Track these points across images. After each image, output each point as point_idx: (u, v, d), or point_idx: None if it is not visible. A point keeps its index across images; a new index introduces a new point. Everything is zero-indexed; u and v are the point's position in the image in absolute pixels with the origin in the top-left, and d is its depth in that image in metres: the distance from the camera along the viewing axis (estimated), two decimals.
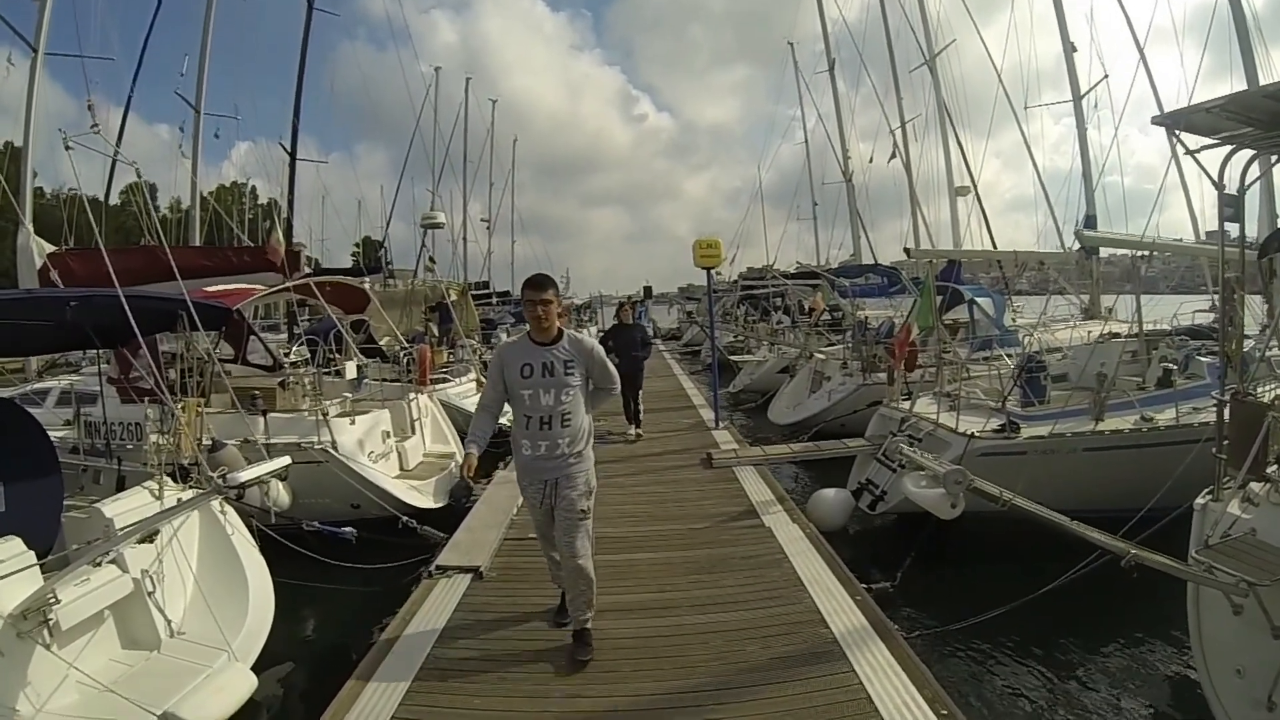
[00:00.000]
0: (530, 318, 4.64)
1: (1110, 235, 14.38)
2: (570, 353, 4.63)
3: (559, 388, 4.56)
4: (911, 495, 6.44)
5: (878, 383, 12.80)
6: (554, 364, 4.57)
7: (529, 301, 4.61)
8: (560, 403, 4.56)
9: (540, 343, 4.64)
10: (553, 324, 4.63)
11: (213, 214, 24.22)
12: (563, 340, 4.67)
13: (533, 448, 4.63)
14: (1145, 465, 7.43)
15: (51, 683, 4.14)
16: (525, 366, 4.58)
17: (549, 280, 4.68)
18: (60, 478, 5.82)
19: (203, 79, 20.41)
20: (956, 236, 23.37)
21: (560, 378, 4.56)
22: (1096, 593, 5.51)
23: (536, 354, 4.61)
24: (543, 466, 4.65)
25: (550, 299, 4.60)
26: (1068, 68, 18.58)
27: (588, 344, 4.77)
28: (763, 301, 31.36)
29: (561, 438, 4.59)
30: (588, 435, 4.78)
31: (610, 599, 5.56)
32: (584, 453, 4.74)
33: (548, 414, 4.56)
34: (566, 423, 4.59)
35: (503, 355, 4.79)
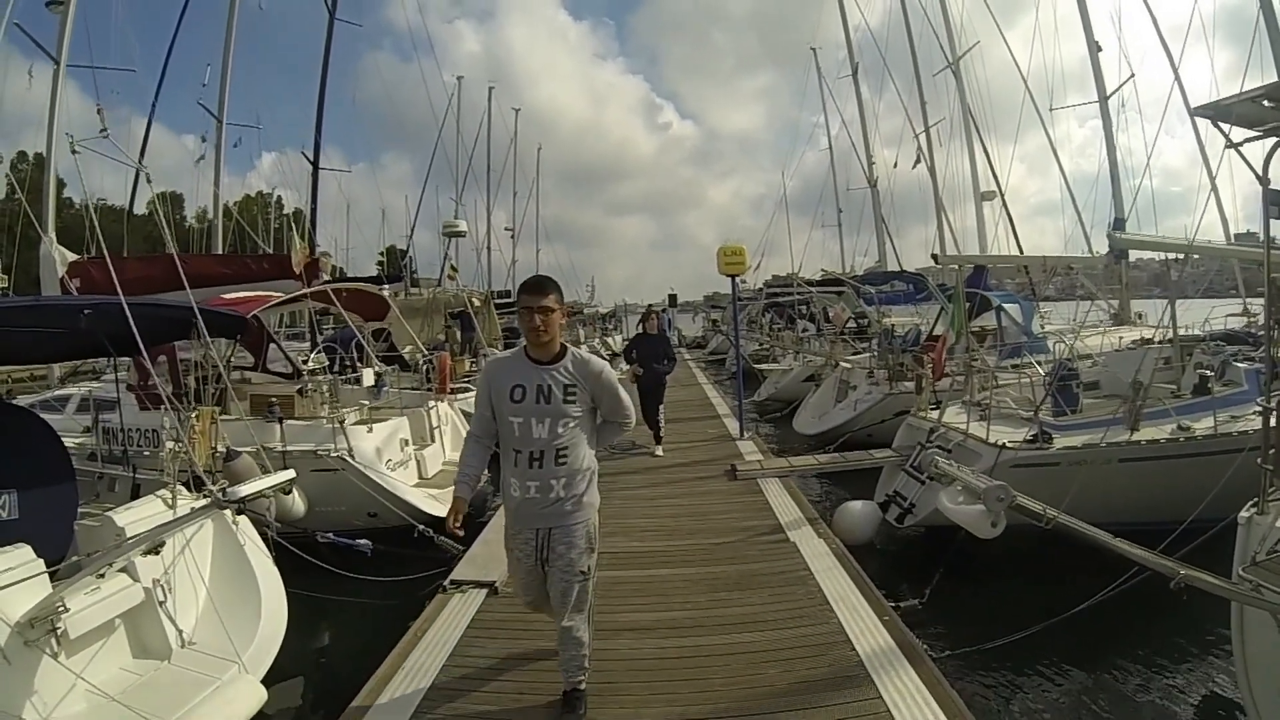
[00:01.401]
0: (526, 329, 3.77)
1: (1144, 237, 14.06)
2: (573, 375, 3.80)
3: (555, 418, 3.74)
4: (948, 512, 6.20)
5: (904, 391, 12.53)
6: (551, 388, 3.75)
7: (525, 309, 3.73)
8: (556, 436, 3.75)
9: (537, 360, 3.82)
10: (554, 338, 3.79)
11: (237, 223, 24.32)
12: (565, 359, 3.83)
13: (521, 489, 3.83)
14: (1183, 476, 7.20)
15: (59, 692, 4.10)
16: (516, 388, 3.77)
17: (550, 283, 3.85)
18: (75, 485, 5.93)
19: (225, 89, 20.54)
20: (983, 242, 23.08)
21: (558, 405, 3.75)
22: (1134, 608, 5.29)
23: (531, 374, 3.79)
24: (533, 512, 3.85)
25: (552, 305, 3.75)
26: (1093, 67, 18.28)
27: (595, 366, 3.88)
28: (788, 309, 31.15)
29: (556, 478, 3.79)
30: (590, 476, 3.95)
31: (630, 616, 5.44)
32: (584, 498, 3.90)
33: (540, 449, 3.75)
34: (563, 460, 3.78)
35: (491, 373, 3.98)
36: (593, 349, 33.22)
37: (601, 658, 4.71)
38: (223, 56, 20.67)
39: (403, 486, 9.08)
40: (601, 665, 4.59)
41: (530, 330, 3.76)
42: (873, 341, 16.79)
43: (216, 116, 20.39)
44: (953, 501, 6.14)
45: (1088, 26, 18.11)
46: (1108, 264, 15.96)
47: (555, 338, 3.82)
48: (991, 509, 5.18)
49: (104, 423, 8.79)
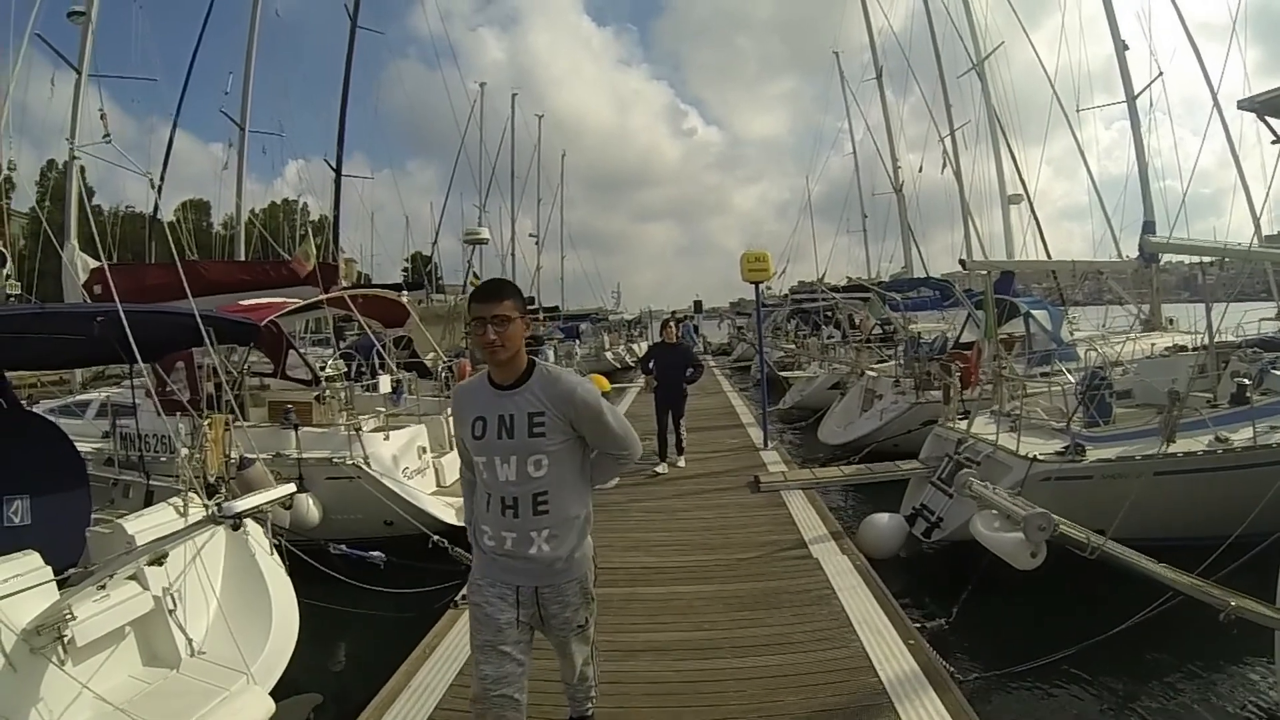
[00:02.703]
0: (479, 344, 3.00)
1: (1178, 241, 13.73)
2: (540, 400, 2.95)
3: (523, 455, 2.93)
4: (983, 539, 5.95)
5: (932, 401, 12.29)
6: (514, 418, 2.95)
7: (476, 320, 2.95)
8: (528, 478, 2.94)
9: (499, 385, 3.03)
10: (515, 354, 2.99)
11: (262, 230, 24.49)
12: (531, 380, 3.00)
13: (495, 539, 3.04)
14: (1222, 490, 6.97)
15: (65, 700, 4.11)
16: (477, 421, 3.01)
17: (506, 287, 3.06)
18: (88, 492, 6.01)
19: (247, 97, 20.72)
20: (1010, 246, 22.72)
21: (523, 440, 2.93)
22: (1176, 628, 5.05)
23: (492, 402, 3.01)
24: (510, 567, 3.05)
25: (509, 313, 2.92)
26: (1120, 67, 17.98)
27: (566, 384, 2.99)
28: (813, 316, 30.94)
29: (536, 530, 2.98)
30: (582, 527, 3.14)
31: (646, 636, 5.29)
32: (575, 556, 3.09)
33: (512, 495, 2.96)
34: (542, 508, 2.97)
35: (455, 404, 3.23)
36: (617, 356, 33.19)
37: (616, 679, 4.61)
38: (245, 64, 20.87)
39: (420, 495, 8.98)
40: (615, 688, 4.47)
41: (484, 346, 2.95)
42: (899, 349, 16.53)
43: (239, 124, 20.56)
44: (988, 527, 5.88)
45: (1114, 25, 17.82)
46: (1137, 268, 15.65)
47: (518, 353, 3.01)
48: (1032, 539, 4.90)
49: (122, 428, 8.77)
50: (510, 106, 45.65)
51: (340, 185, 21.96)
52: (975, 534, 6.10)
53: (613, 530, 8.06)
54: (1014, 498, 5.94)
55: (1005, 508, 5.68)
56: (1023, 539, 5.32)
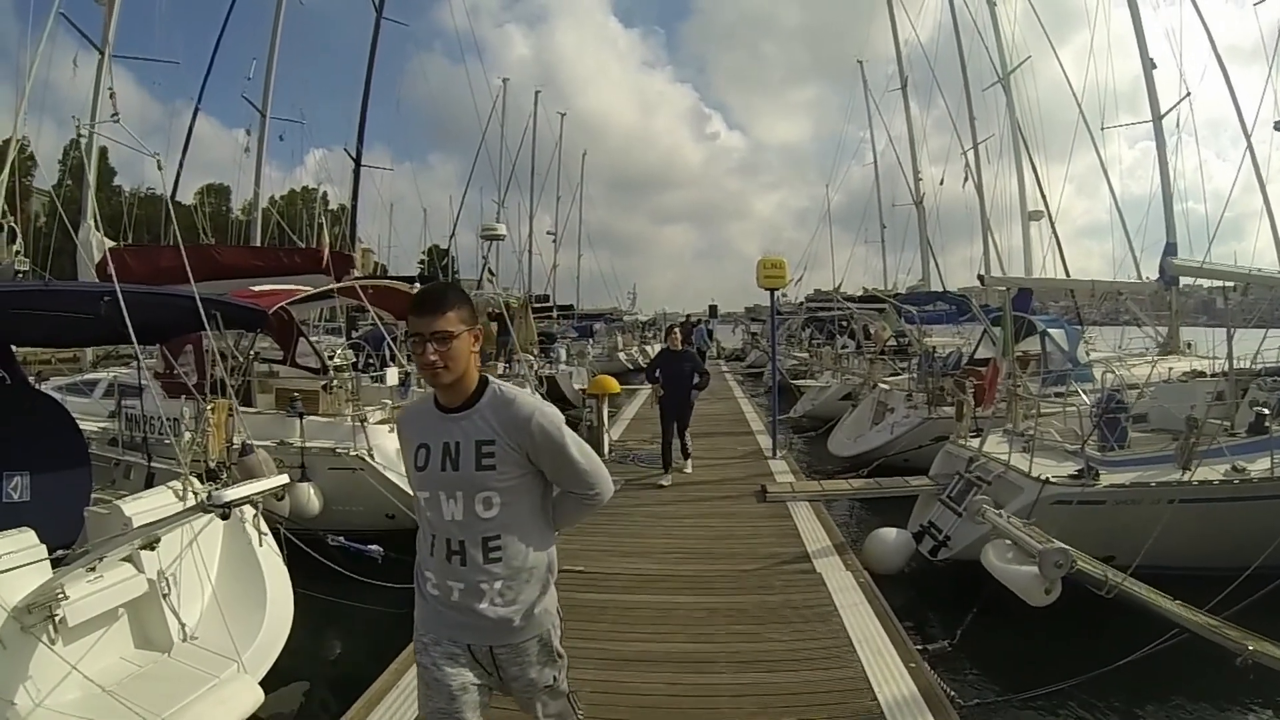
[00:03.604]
0: (419, 366, 2.51)
1: (1201, 264, 13.53)
2: (490, 426, 2.46)
3: (470, 491, 2.45)
4: (995, 571, 5.82)
5: (944, 417, 12.13)
6: (459, 446, 2.47)
7: (414, 336, 2.45)
8: (476, 519, 2.45)
9: (445, 408, 2.54)
10: (464, 373, 2.47)
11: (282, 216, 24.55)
12: (482, 402, 2.51)
13: (440, 587, 2.52)
14: (1238, 521, 6.85)
15: (53, 679, 4.10)
16: (420, 450, 2.53)
17: (450, 295, 2.50)
18: (89, 471, 6.02)
19: (269, 83, 20.84)
20: (1029, 263, 22.54)
21: (469, 473, 2.44)
22: (1187, 660, 4.94)
23: (437, 428, 2.53)
24: (458, 622, 2.52)
25: (452, 328, 2.41)
26: (1147, 85, 17.72)
27: (523, 409, 2.48)
28: (828, 325, 30.79)
29: (487, 581, 2.47)
30: (544, 577, 2.60)
31: (643, 647, 5.22)
32: (535, 612, 2.56)
33: (459, 537, 2.46)
34: (494, 554, 2.46)
35: (399, 431, 2.78)
36: (630, 357, 33.05)
37: (608, 689, 4.57)
38: (268, 51, 20.94)
39: None
40: (606, 699, 4.41)
41: (424, 368, 2.45)
42: (912, 362, 16.38)
43: (260, 110, 20.62)
44: (1000, 559, 5.74)
45: (1142, 43, 17.58)
46: (1157, 290, 15.46)
47: (467, 372, 2.49)
48: (1047, 575, 4.74)
49: (127, 409, 8.76)
50: (533, 103, 45.60)
51: (359, 175, 21.99)
52: (986, 564, 5.98)
53: (614, 534, 8.00)
54: (1029, 527, 5.80)
55: (1020, 539, 5.54)
56: (1037, 574, 5.17)
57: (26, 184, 15.24)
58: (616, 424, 15.56)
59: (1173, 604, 4.00)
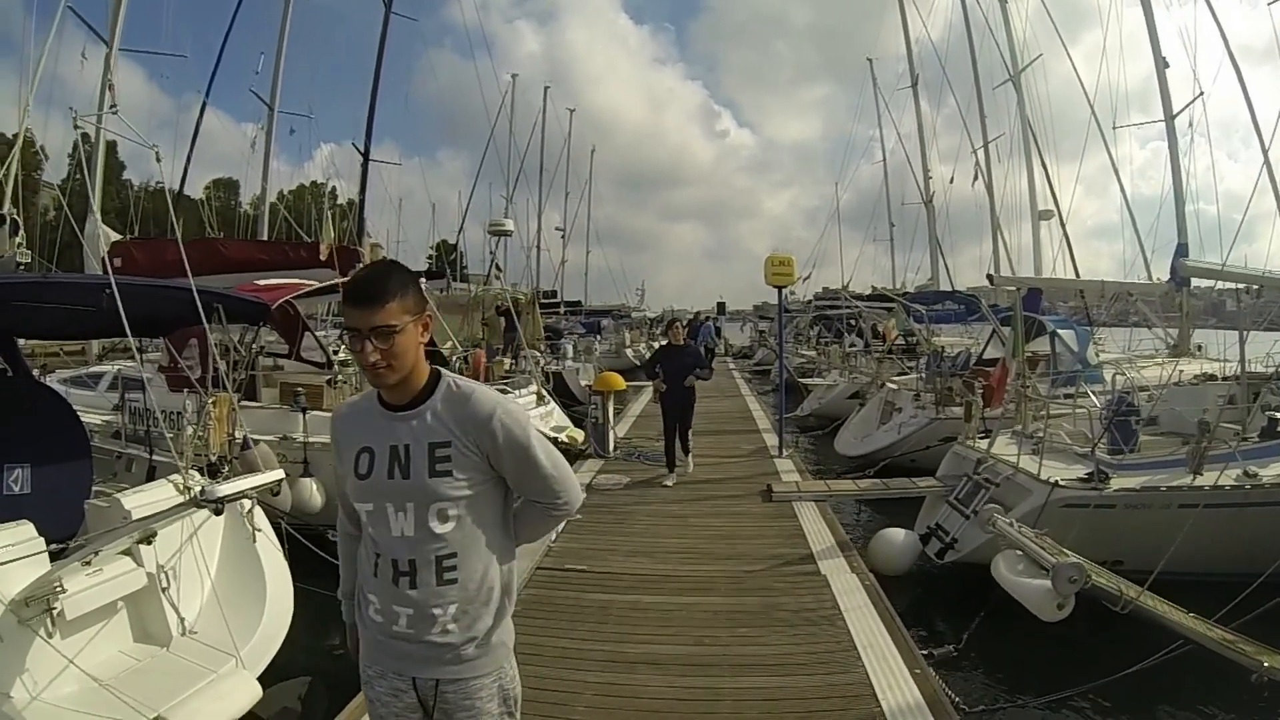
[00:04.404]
0: (361, 365, 2.11)
1: (1212, 266, 13.40)
2: (445, 425, 2.11)
3: (423, 501, 2.09)
4: (1005, 583, 5.72)
5: (952, 417, 12.02)
6: (409, 450, 2.11)
7: (351, 332, 2.06)
8: (430, 535, 2.10)
9: (392, 406, 2.17)
10: (412, 369, 2.11)
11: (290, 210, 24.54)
12: (434, 397, 2.15)
13: (384, 614, 2.16)
14: (1250, 526, 6.78)
15: (50, 672, 4.10)
16: (362, 454, 2.16)
17: (389, 282, 2.08)
18: (90, 464, 6.06)
19: (278, 78, 20.88)
20: (1038, 263, 22.44)
21: (421, 481, 2.09)
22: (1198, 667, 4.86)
23: (382, 429, 2.16)
24: (404, 652, 2.17)
25: (394, 322, 2.03)
26: (1159, 85, 17.62)
27: (483, 406, 2.12)
28: (836, 323, 30.70)
29: (440, 605, 2.11)
30: (500, 600, 2.21)
31: (645, 649, 5.16)
32: (492, 640, 2.19)
33: (408, 556, 2.11)
34: (449, 575, 2.12)
35: (335, 432, 2.32)
36: (637, 354, 32.93)
37: (611, 692, 4.54)
38: (277, 44, 20.98)
39: None
40: (609, 701, 4.40)
41: (365, 369, 2.09)
42: (921, 362, 16.28)
43: (268, 104, 20.62)
44: (1011, 570, 5.63)
45: (1155, 42, 17.48)
46: (1167, 291, 15.35)
47: (415, 367, 2.12)
48: (1061, 590, 4.63)
49: (131, 402, 8.75)
50: (542, 99, 45.55)
51: (367, 170, 21.91)
52: (996, 576, 5.89)
53: (618, 534, 7.97)
54: (1041, 538, 5.70)
55: (1033, 551, 5.43)
56: (1049, 588, 5.07)
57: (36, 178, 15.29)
58: (622, 421, 15.50)
59: (1187, 618, 3.93)
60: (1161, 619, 4.03)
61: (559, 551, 7.19)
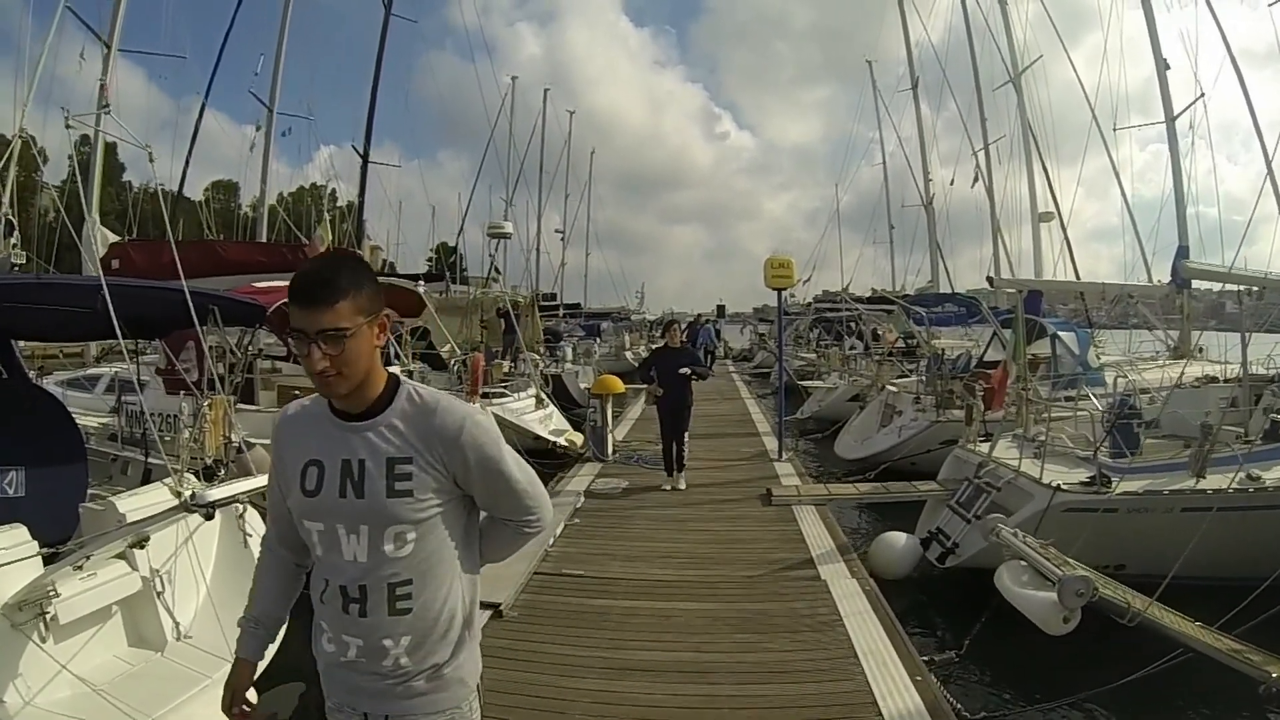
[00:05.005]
0: (307, 370, 1.82)
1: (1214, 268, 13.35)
2: (405, 438, 1.88)
3: (379, 524, 1.86)
4: (1009, 595, 5.63)
5: (952, 420, 11.96)
6: (365, 466, 1.86)
7: (296, 334, 1.82)
8: (384, 560, 1.87)
9: (344, 414, 1.92)
10: (366, 375, 1.87)
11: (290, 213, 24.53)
12: (393, 406, 1.91)
13: (335, 643, 1.94)
14: (1253, 530, 6.73)
15: (44, 677, 4.05)
16: (310, 468, 1.91)
17: (340, 278, 1.82)
18: (85, 467, 5.95)
19: (277, 79, 20.90)
20: (1039, 265, 22.41)
21: (377, 501, 1.85)
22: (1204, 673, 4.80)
23: (334, 440, 1.91)
24: (356, 685, 1.96)
25: (344, 324, 1.79)
26: (1160, 86, 17.63)
27: (450, 418, 1.89)
28: (836, 326, 30.66)
29: (392, 636, 1.89)
30: (461, 631, 1.97)
31: (644, 655, 5.11)
32: (446, 674, 1.95)
33: (359, 582, 1.87)
34: (403, 605, 1.89)
35: (277, 438, 2.05)
36: (637, 356, 32.89)
37: (608, 699, 4.48)
38: (276, 45, 20.97)
39: None
40: (606, 709, 4.35)
41: (314, 377, 1.82)
42: (921, 364, 16.23)
43: (267, 105, 20.62)
44: (1015, 582, 5.54)
45: (1156, 43, 17.49)
46: (1168, 293, 15.32)
47: (370, 374, 1.88)
48: (1067, 604, 4.56)
49: (128, 405, 8.72)
50: (542, 101, 45.53)
51: (366, 172, 21.94)
52: (1000, 587, 5.82)
53: (616, 538, 7.93)
54: (1046, 548, 5.63)
55: (1039, 563, 5.35)
56: (1055, 601, 5.00)
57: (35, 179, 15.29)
58: (621, 424, 15.45)
59: (1195, 628, 3.87)
60: (1169, 631, 3.96)
61: (556, 556, 7.14)
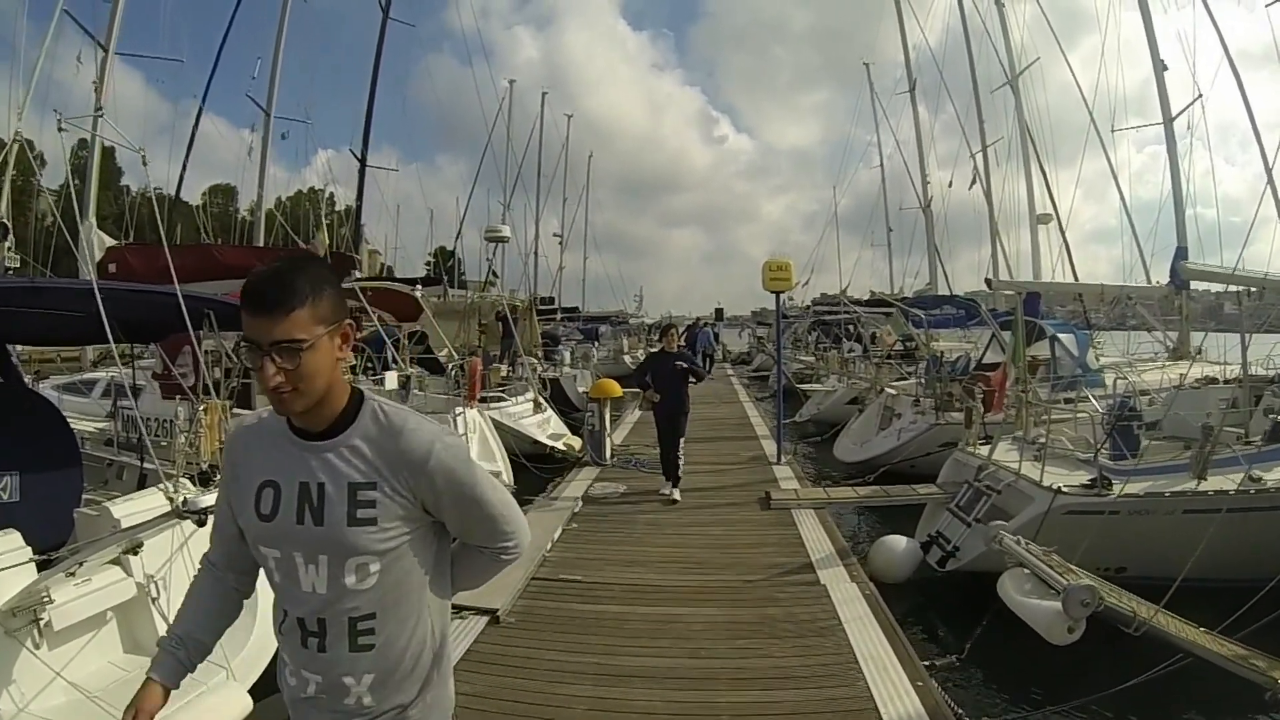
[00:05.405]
0: (260, 385, 1.65)
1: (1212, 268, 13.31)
2: (369, 462, 1.71)
3: (339, 554, 1.69)
4: (1012, 604, 5.58)
5: (952, 423, 11.89)
6: (325, 490, 1.69)
7: (247, 346, 1.62)
8: (344, 592, 1.71)
9: (303, 432, 1.75)
10: (320, 390, 1.67)
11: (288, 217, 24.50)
12: (356, 425, 1.74)
13: (296, 676, 1.81)
14: (1255, 531, 6.69)
15: (38, 684, 4.02)
16: (265, 489, 1.74)
17: (296, 285, 1.61)
18: (80, 472, 5.94)
19: (274, 82, 20.89)
20: (1037, 267, 22.40)
21: (338, 529, 1.68)
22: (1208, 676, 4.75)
23: (292, 461, 1.74)
24: None
25: (302, 336, 1.59)
26: (1158, 87, 17.63)
27: (416, 439, 1.71)
28: (834, 329, 30.64)
29: (353, 674, 1.75)
30: (429, 668, 1.84)
31: (642, 661, 5.06)
32: (414, 714, 1.81)
33: (317, 614, 1.72)
34: (364, 639, 1.74)
35: (231, 453, 1.89)
36: (635, 360, 32.84)
37: (603, 707, 4.44)
38: (273, 49, 20.95)
39: None
40: (602, 717, 4.31)
41: (271, 393, 1.64)
42: (920, 367, 16.19)
43: (264, 109, 20.59)
44: (1018, 590, 5.48)
45: (1153, 44, 17.49)
46: (1166, 294, 15.31)
47: (331, 389, 1.70)
48: (1072, 614, 4.51)
49: (124, 409, 8.70)
50: (540, 105, 45.54)
51: (364, 176, 21.91)
52: (1003, 596, 5.77)
53: (613, 543, 7.89)
54: (1049, 555, 5.58)
55: (1042, 571, 5.30)
56: (1060, 611, 4.94)
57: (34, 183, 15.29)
58: (619, 428, 15.40)
59: (1200, 635, 3.83)
60: (1175, 639, 3.92)
61: (554, 561, 7.09)
